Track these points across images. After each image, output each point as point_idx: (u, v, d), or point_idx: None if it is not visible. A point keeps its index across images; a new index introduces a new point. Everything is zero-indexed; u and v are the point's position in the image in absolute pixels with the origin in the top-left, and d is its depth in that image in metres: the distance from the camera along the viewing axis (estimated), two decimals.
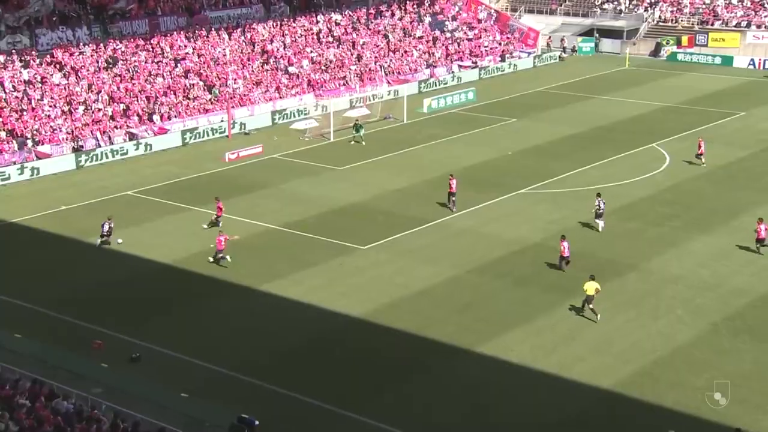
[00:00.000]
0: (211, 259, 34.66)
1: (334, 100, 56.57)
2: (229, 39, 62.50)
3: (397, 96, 60.34)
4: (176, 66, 57.60)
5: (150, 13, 61.17)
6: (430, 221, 38.91)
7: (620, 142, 51.28)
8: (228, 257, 34.31)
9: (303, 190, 43.70)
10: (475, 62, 71.59)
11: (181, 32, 60.91)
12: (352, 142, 51.57)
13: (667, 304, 31.07)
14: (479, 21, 78.81)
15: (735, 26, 79.22)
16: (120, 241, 36.50)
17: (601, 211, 37.26)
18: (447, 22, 76.10)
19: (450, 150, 49.88)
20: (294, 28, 67.02)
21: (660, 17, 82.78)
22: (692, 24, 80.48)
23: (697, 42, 76.95)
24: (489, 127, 55.26)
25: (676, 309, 30.62)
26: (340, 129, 53.43)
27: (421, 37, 72.25)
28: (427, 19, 75.26)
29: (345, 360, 27.89)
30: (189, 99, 55.32)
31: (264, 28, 65.21)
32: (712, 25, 79.72)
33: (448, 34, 74.56)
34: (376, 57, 67.23)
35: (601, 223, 37.30)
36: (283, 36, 65.37)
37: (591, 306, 29.70)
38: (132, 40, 58.10)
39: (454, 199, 39.86)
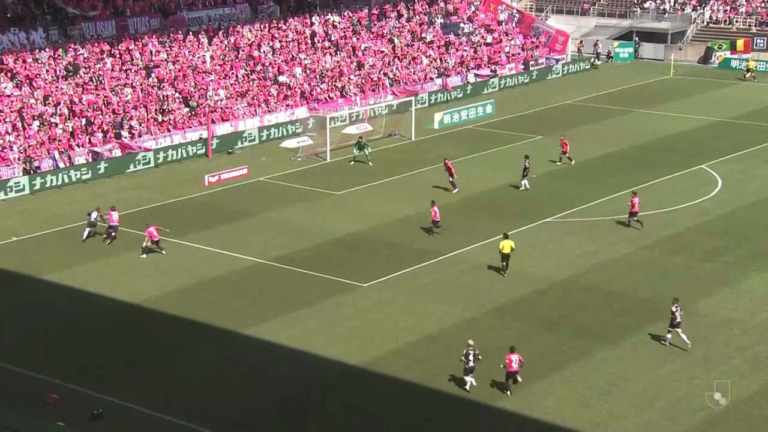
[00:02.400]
0: (145, 255, 38.53)
1: (330, 114, 57.06)
2: (210, 44, 63.17)
3: (404, 110, 60.79)
4: (148, 75, 58.20)
5: (117, 13, 61.91)
6: (442, 254, 39.12)
7: (663, 163, 51.57)
8: (163, 251, 38.70)
9: (294, 218, 43.97)
10: (495, 71, 72.19)
11: (154, 36, 61.59)
12: (352, 163, 51.94)
13: (720, 352, 31.15)
14: (499, 23, 79.57)
15: None
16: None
17: (527, 171, 46.21)
18: (462, 25, 76.85)
19: (465, 172, 50.17)
20: (285, 31, 67.74)
21: (711, 18, 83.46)
22: (749, 25, 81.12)
23: (754, 46, 77.51)
24: (510, 145, 55.62)
25: (731, 358, 30.69)
26: (337, 148, 53.82)
27: (431, 42, 72.94)
28: (439, 21, 76.01)
29: (342, 416, 27.96)
30: (163, 113, 55.85)
31: (250, 31, 65.91)
32: None
33: (464, 39, 75.25)
34: (379, 65, 67.85)
35: (526, 183, 46.18)
36: (272, 40, 66.05)
37: (505, 263, 36.24)
38: (96, 44, 58.76)
39: (452, 180, 46.28)
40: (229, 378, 29.89)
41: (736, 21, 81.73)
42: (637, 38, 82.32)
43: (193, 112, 56.66)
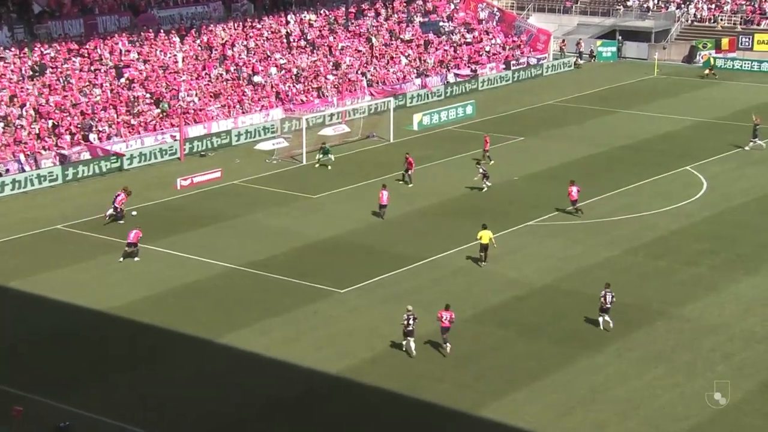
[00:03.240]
0: (122, 259, 38.80)
1: (307, 115, 57.02)
2: (182, 43, 63.00)
3: (382, 111, 60.83)
4: (118, 75, 57.97)
5: (85, 11, 61.62)
6: (421, 259, 39.16)
7: (647, 164, 51.84)
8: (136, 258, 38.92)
9: (270, 222, 43.91)
10: (475, 70, 72.37)
11: (124, 34, 61.36)
12: (317, 165, 51.87)
13: (706, 358, 31.32)
14: (480, 21, 79.79)
15: None
16: (134, 213, 43.12)
17: (486, 173, 47.24)
18: (441, 23, 77.01)
19: (444, 174, 50.29)
20: (259, 29, 67.65)
21: (695, 16, 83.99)
22: (734, 24, 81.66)
23: (739, 45, 78.11)
24: (491, 147, 55.73)
25: (716, 365, 30.86)
26: (313, 150, 53.77)
27: (410, 41, 73.04)
28: (418, 20, 76.13)
29: (319, 426, 27.92)
30: (133, 114, 55.64)
31: (223, 29, 65.80)
32: (759, 24, 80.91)
33: (443, 38, 75.40)
34: (357, 64, 67.88)
35: (487, 183, 46.94)
36: (246, 39, 65.94)
37: (484, 254, 37.92)
38: (63, 43, 58.45)
39: (410, 174, 48.23)
40: (202, 388, 29.79)
41: (721, 19, 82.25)
42: (620, 37, 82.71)
43: (165, 114, 56.48)
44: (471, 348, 32.02)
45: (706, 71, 73.68)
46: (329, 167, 51.59)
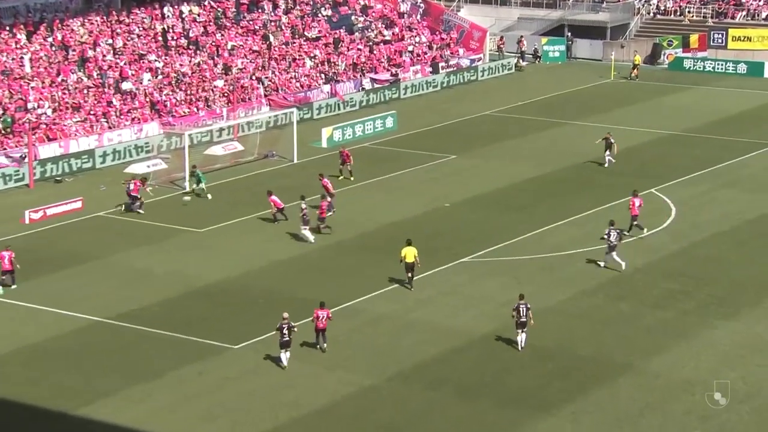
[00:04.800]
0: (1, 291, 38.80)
1: (190, 131, 56.72)
2: (29, 41, 62.30)
3: (283, 124, 60.73)
4: None
5: None
6: (333, 306, 38.96)
7: (604, 187, 52.54)
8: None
9: (144, 263, 43.46)
10: (396, 75, 72.83)
11: None
12: (186, 198, 51.25)
13: (679, 422, 31.62)
14: (401, 15, 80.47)
15: (766, 19, 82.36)
16: (103, 187, 46.49)
17: (307, 218, 44.77)
18: (354, 17, 77.44)
19: (361, 201, 50.35)
20: (128, 25, 67.22)
21: (659, 8, 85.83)
22: (704, 17, 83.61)
23: (711, 43, 79.94)
24: (417, 167, 56.04)
25: (692, 430, 31.16)
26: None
27: (317, 39, 73.30)
28: (326, 13, 76.44)
29: None
30: None
31: (83, 25, 65.24)
32: (734, 18, 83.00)
33: (357, 35, 75.82)
34: (251, 68, 67.81)
35: (310, 237, 44.98)
36: (111, 37, 65.46)
37: (410, 275, 39.84)
38: None
39: (329, 201, 47.67)
40: None
41: (689, 12, 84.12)
42: (569, 33, 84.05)
43: (9, 130, 55.65)
44: (395, 414, 31.95)
45: (633, 71, 75.34)
46: (209, 196, 51.11)
